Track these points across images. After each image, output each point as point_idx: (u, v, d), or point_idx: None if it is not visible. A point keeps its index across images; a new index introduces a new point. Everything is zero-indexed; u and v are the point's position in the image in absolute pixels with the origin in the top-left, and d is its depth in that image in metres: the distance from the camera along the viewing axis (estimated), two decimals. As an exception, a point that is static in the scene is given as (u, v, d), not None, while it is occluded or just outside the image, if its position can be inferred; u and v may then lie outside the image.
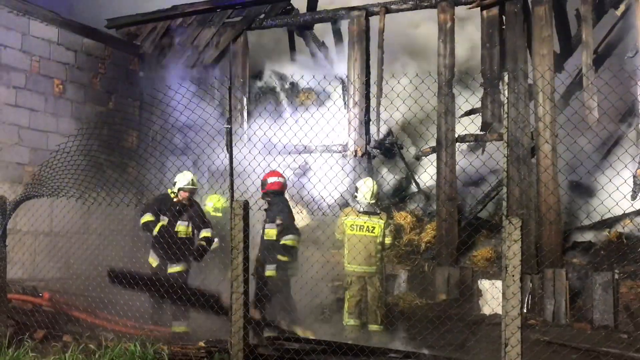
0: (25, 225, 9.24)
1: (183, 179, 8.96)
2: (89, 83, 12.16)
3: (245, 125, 12.46)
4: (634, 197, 10.23)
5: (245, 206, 5.99)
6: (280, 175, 9.06)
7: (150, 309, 8.70)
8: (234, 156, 6.55)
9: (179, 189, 8.93)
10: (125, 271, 7.85)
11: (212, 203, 10.94)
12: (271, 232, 8.72)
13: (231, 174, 6.38)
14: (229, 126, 6.84)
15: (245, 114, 12.73)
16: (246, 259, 5.93)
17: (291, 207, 9.00)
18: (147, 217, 8.97)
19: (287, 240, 8.63)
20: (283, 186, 9.05)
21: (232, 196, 6.19)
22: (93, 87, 12.24)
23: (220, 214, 10.80)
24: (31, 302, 8.49)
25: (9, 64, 10.79)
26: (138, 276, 7.62)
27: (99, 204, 7.32)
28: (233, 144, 6.63)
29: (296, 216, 11.93)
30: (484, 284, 10.14)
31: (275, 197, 8.92)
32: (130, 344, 6.27)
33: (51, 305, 8.62)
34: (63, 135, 10.86)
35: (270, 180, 8.96)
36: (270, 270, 8.62)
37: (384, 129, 12.11)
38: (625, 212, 9.25)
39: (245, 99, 12.84)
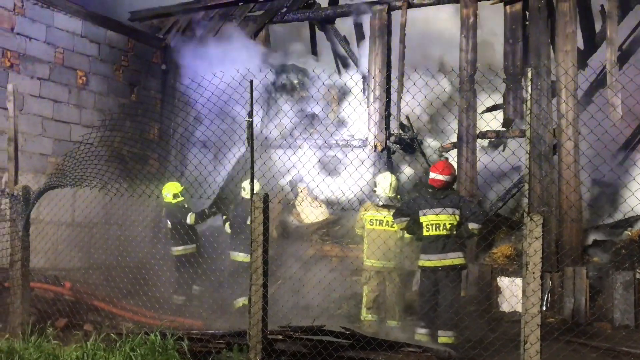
0: (48, 215, 9.34)
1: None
2: (112, 75, 12.28)
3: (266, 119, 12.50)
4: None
5: (265, 199, 6.03)
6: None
7: None
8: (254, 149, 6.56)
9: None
10: None
11: (170, 192, 10.87)
12: None
13: (252, 167, 6.40)
14: (251, 119, 6.81)
15: (266, 107, 12.76)
16: (265, 251, 5.96)
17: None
18: None
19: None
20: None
21: (252, 189, 6.22)
22: (116, 79, 12.36)
23: (182, 198, 10.82)
24: (53, 291, 8.60)
25: (34, 56, 10.92)
26: None
27: (120, 195, 7.40)
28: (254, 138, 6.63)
29: (315, 210, 12.03)
30: (504, 281, 10.09)
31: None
32: (150, 334, 6.32)
33: (72, 294, 8.73)
34: (86, 127, 11.05)
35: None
36: None
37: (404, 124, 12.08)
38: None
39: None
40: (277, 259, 10.15)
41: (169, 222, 10.79)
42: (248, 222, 10.00)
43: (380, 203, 8.83)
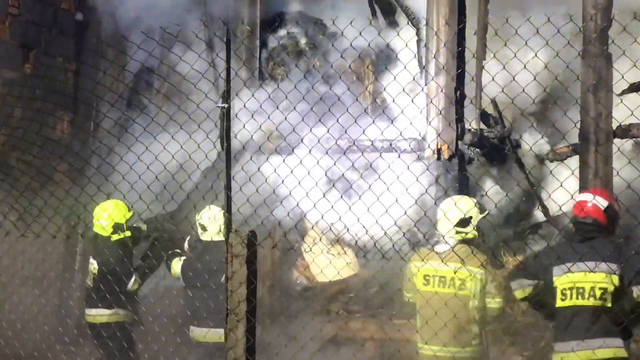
0: None
1: None
2: (-8, 32, 12.34)
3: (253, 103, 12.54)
4: None
5: (250, 242, 5.92)
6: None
7: None
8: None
9: None
10: None
11: (110, 219, 10.40)
12: None
13: (228, 186, 6.33)
14: (226, 105, 6.81)
15: (254, 84, 12.77)
16: (251, 331, 5.85)
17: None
18: None
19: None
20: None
21: (229, 220, 6.13)
22: (-1, 39, 12.41)
23: (128, 233, 10.41)
24: None
25: None
26: None
27: (4, 234, 7.37)
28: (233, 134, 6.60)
29: (336, 261, 11.96)
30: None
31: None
32: None
33: None
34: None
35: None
36: None
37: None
38: None
39: (255, 60, 12.89)
40: (270, 343, 10.15)
41: (95, 264, 10.50)
42: (222, 280, 9.99)
43: (446, 248, 8.74)
